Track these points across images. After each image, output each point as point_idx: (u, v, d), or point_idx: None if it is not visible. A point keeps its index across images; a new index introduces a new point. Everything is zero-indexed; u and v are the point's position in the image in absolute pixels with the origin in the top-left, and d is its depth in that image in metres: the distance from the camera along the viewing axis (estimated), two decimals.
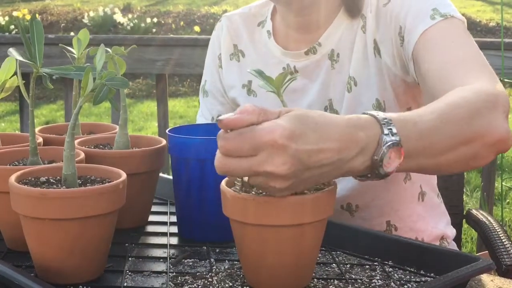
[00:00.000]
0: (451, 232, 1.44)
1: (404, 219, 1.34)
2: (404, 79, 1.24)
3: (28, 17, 8.06)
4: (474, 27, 7.97)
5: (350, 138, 0.81)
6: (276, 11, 1.37)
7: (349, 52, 1.27)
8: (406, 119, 0.88)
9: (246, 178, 0.82)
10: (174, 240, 1.09)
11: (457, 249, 1.48)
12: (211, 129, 1.19)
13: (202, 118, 1.46)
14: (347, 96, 1.26)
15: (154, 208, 1.21)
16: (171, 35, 7.49)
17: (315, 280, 0.92)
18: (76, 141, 1.06)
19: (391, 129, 0.84)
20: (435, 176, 1.42)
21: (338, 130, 0.80)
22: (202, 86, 1.48)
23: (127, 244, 1.06)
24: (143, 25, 8.35)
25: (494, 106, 0.98)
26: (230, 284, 0.90)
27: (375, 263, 0.98)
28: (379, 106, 1.24)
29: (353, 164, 0.82)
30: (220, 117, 0.79)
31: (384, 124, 0.84)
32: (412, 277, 0.93)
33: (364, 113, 0.86)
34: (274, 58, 1.35)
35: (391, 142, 0.83)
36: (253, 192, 0.88)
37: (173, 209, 1.18)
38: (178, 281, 0.91)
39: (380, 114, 0.85)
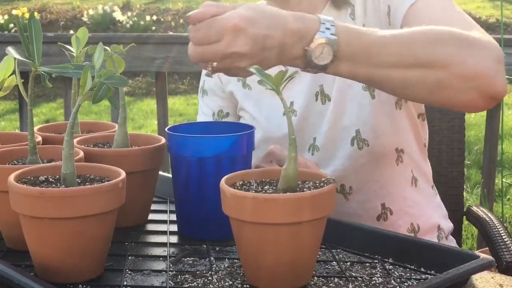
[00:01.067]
0: (448, 225, 1.44)
1: (399, 202, 1.35)
2: None
3: (27, 15, 8.05)
4: None
5: (291, 28, 0.95)
6: None
7: None
8: (352, 28, 1.00)
9: (215, 64, 0.95)
10: (174, 239, 1.08)
11: (456, 244, 1.48)
12: (210, 127, 1.19)
13: (203, 116, 1.47)
14: (337, 79, 1.29)
15: (153, 207, 1.20)
16: (171, 33, 7.49)
17: (315, 278, 0.91)
18: (75, 140, 1.06)
19: (329, 29, 0.96)
20: (428, 166, 1.44)
21: (284, 20, 0.95)
22: (201, 87, 1.50)
23: (126, 243, 1.05)
24: (142, 23, 8.34)
25: (473, 44, 1.03)
26: (230, 282, 0.89)
27: (375, 261, 0.98)
28: (368, 86, 1.28)
29: (293, 51, 0.96)
30: (188, 14, 0.96)
31: (324, 23, 0.96)
32: (413, 274, 0.93)
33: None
34: None
35: (325, 38, 0.95)
36: (252, 191, 0.88)
37: (173, 208, 1.17)
38: (178, 279, 0.90)
39: (327, 17, 0.98)
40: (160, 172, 1.23)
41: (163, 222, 1.17)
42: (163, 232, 1.11)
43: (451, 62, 1.00)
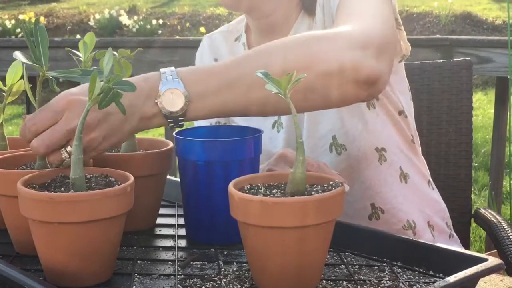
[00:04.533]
0: (443, 224, 1.44)
1: (389, 201, 1.35)
2: None
3: (34, 20, 8.08)
4: (481, 25, 7.95)
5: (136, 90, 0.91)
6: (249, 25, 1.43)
7: None
8: (196, 67, 1.04)
9: (69, 148, 0.93)
10: (182, 243, 1.09)
11: (460, 243, 1.48)
12: (218, 131, 1.19)
13: None
14: None
15: (161, 211, 1.21)
16: (177, 37, 7.50)
17: (324, 281, 0.91)
18: None
19: (170, 75, 0.98)
20: (422, 161, 1.45)
21: None
22: None
23: (135, 247, 1.06)
24: (148, 27, 8.37)
25: (324, 41, 1.02)
26: (239, 286, 0.89)
27: (383, 264, 0.98)
28: None
29: (144, 110, 0.96)
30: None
31: (164, 73, 0.98)
32: (421, 277, 0.93)
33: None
34: None
35: (168, 88, 0.96)
36: (260, 195, 0.88)
37: (181, 212, 1.18)
38: (187, 283, 0.91)
39: (166, 69, 0.99)
40: (168, 176, 1.23)
41: (171, 226, 1.18)
42: (171, 236, 1.12)
43: (309, 64, 0.99)
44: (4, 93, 1.12)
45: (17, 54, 0.97)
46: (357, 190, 1.33)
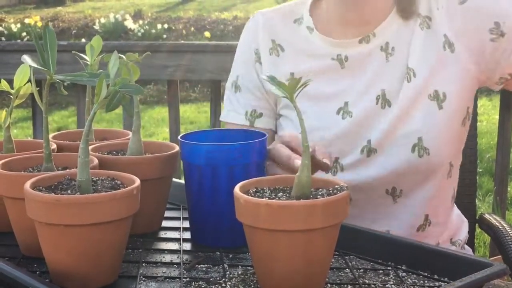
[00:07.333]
0: (464, 234, 1.45)
1: (439, 216, 1.35)
2: (477, 76, 1.30)
3: (39, 24, 8.12)
4: None
5: None
6: (314, 8, 1.40)
7: (406, 46, 1.31)
8: None
9: None
10: (187, 246, 1.09)
11: (471, 253, 1.48)
12: (223, 135, 1.19)
13: (233, 113, 1.43)
14: (406, 86, 1.29)
15: (167, 214, 1.21)
16: (182, 41, 7.52)
17: (329, 285, 0.92)
18: (89, 147, 1.07)
19: None
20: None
21: None
22: (234, 82, 1.44)
23: (141, 250, 1.06)
24: (153, 31, 8.39)
25: None
26: None
27: (388, 268, 0.98)
28: (437, 97, 1.28)
29: None
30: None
31: None
32: (426, 282, 0.93)
33: None
34: (320, 49, 1.36)
35: None
36: (266, 198, 0.88)
37: (186, 215, 1.18)
38: (192, 286, 0.91)
39: None
40: (174, 179, 1.23)
41: (177, 229, 1.18)
42: (177, 239, 1.12)
43: None
44: (11, 96, 1.12)
45: (26, 58, 0.98)
46: (419, 196, 1.31)
